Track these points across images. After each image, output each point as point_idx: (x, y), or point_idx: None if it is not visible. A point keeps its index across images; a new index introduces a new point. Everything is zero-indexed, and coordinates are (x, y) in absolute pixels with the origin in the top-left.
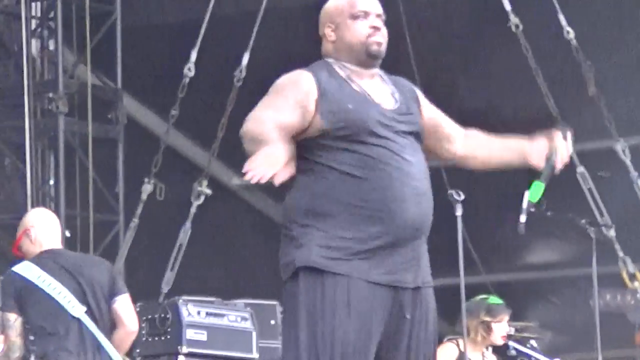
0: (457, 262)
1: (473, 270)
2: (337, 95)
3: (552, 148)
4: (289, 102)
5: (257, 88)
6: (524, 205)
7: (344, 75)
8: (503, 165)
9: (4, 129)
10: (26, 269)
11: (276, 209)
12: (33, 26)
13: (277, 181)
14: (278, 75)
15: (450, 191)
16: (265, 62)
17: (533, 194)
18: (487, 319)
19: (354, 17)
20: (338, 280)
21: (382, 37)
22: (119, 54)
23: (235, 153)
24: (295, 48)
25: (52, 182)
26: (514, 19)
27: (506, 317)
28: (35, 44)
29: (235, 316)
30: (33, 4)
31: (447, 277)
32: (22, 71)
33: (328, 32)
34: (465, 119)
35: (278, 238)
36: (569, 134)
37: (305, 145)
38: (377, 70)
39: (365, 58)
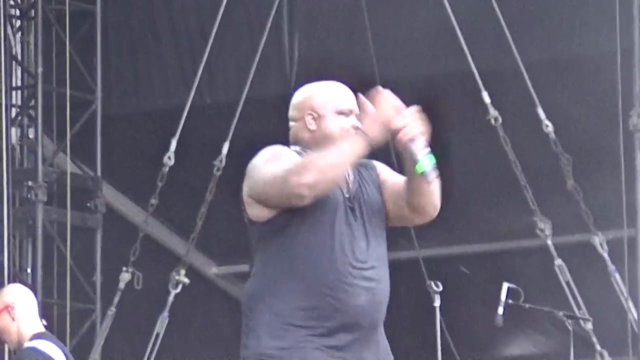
0: (436, 354)
1: None
2: None
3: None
4: (290, 158)
5: (236, 177)
6: (502, 297)
7: None
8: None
9: None
10: (48, 347)
11: None
12: (13, 114)
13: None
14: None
15: (429, 282)
16: (244, 150)
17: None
18: None
19: (340, 113)
20: None
21: None
22: (98, 142)
23: (214, 243)
24: (274, 136)
25: (29, 270)
26: (493, 112)
27: None
28: (15, 132)
29: None
30: (14, 93)
31: None
32: (1, 160)
33: (308, 120)
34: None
35: None
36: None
37: (261, 231)
38: None
39: None
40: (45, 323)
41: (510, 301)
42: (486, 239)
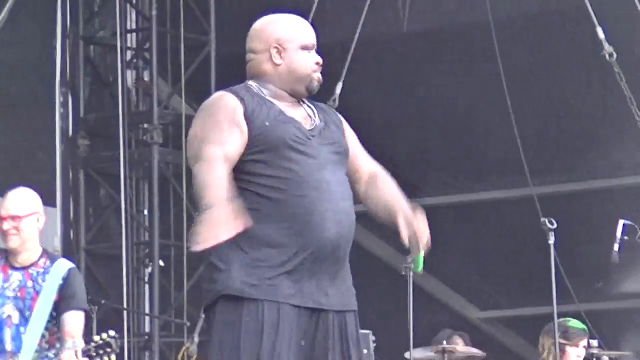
0: (551, 291)
1: (567, 299)
2: (257, 112)
3: (412, 238)
4: (224, 128)
5: (348, 119)
6: (618, 234)
7: (266, 94)
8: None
9: (99, 159)
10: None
11: None
12: (128, 57)
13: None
14: (370, 105)
15: (543, 219)
16: (357, 91)
17: (417, 265)
18: (562, 341)
19: (305, 48)
20: (257, 306)
21: (320, 75)
22: (213, 84)
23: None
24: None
25: (146, 212)
26: (607, 48)
27: (582, 342)
28: (130, 75)
29: None
30: (129, 36)
31: (541, 305)
32: (117, 102)
33: (274, 54)
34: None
35: None
36: (419, 214)
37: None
38: (297, 99)
39: (304, 90)
40: (162, 264)
41: (626, 238)
42: (601, 175)
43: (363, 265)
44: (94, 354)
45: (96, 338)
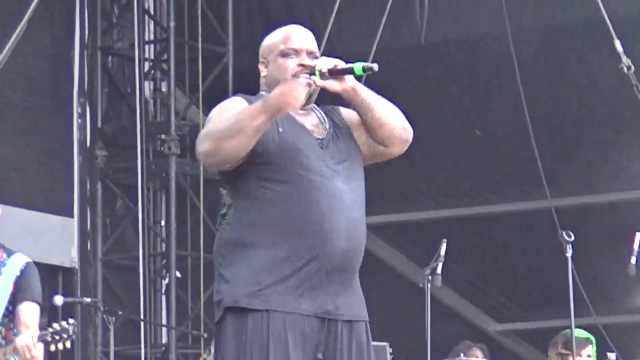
0: (568, 303)
1: (584, 311)
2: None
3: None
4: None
5: None
6: (635, 246)
7: None
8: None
9: (116, 170)
10: None
11: None
12: (146, 68)
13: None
14: None
15: (560, 231)
16: None
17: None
18: (563, 351)
19: (284, 54)
20: (262, 316)
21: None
22: (230, 95)
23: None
24: (404, 86)
25: (163, 222)
26: (625, 60)
27: (586, 351)
28: (148, 85)
29: None
30: (146, 47)
31: (558, 318)
32: (135, 113)
33: (261, 68)
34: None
35: None
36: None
37: (237, 173)
38: (309, 105)
39: None
40: (179, 275)
41: None
42: (618, 187)
43: (379, 277)
44: (50, 339)
45: (55, 324)
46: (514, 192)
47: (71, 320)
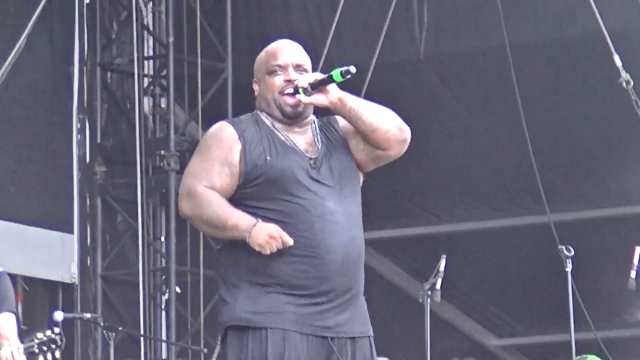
0: (568, 318)
1: (583, 326)
2: (258, 146)
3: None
4: (215, 164)
5: None
6: (635, 260)
7: (269, 123)
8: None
9: (116, 185)
10: None
11: None
12: (145, 84)
13: None
14: None
15: (560, 246)
16: None
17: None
18: None
19: (270, 72)
20: (261, 334)
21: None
22: (229, 110)
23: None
24: (404, 101)
25: (163, 238)
26: (624, 75)
27: None
28: (147, 101)
29: None
30: (145, 62)
31: (557, 333)
32: (134, 128)
33: (255, 87)
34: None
35: None
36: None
37: (234, 197)
38: (306, 121)
39: (280, 115)
40: (179, 291)
41: None
42: (618, 202)
43: (379, 292)
44: (37, 351)
45: (39, 335)
46: (513, 207)
47: (56, 329)
